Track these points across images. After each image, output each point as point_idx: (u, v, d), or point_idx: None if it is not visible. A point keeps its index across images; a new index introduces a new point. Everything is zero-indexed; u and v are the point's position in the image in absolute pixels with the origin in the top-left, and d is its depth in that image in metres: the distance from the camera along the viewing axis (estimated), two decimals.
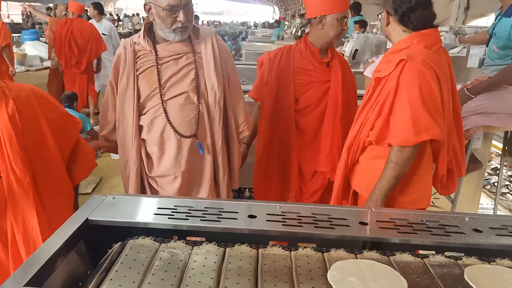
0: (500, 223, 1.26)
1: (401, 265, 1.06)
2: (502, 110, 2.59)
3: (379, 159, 1.79)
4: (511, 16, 2.59)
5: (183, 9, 1.76)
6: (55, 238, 1.07)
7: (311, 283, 0.97)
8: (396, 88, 1.70)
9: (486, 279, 0.99)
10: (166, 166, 1.89)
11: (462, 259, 1.10)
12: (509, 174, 4.85)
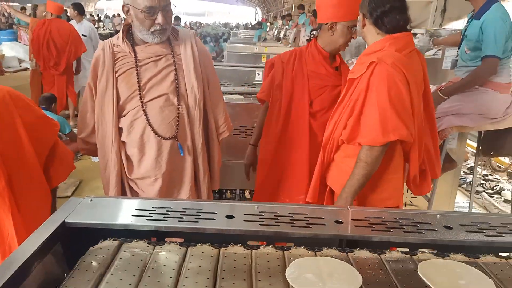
0: (470, 220, 1.30)
1: (358, 261, 1.09)
2: (474, 110, 2.67)
3: (352, 158, 1.83)
4: (480, 19, 2.67)
5: (161, 11, 1.76)
6: (30, 241, 1.06)
7: (269, 280, 0.99)
8: (366, 89, 1.75)
9: (438, 273, 1.02)
10: (147, 168, 1.89)
11: (418, 255, 1.14)
12: (484, 173, 4.97)
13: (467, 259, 1.13)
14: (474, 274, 1.03)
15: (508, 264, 1.11)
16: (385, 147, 1.75)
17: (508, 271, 1.08)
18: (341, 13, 2.10)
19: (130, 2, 1.78)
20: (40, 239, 1.08)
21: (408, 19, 1.85)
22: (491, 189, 4.68)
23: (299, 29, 9.53)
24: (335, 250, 1.14)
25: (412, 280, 1.01)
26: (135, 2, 1.76)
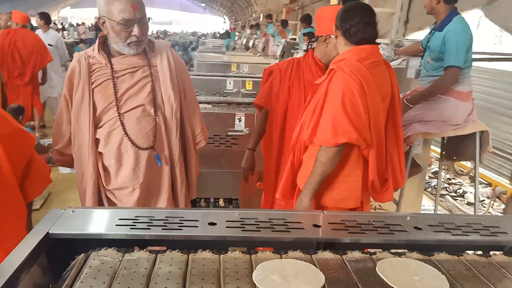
0: (437, 221, 1.39)
1: (321, 262, 1.15)
2: (438, 118, 2.81)
3: (314, 158, 1.93)
4: (442, 30, 2.82)
5: (137, 23, 1.80)
6: (17, 253, 1.07)
7: (237, 283, 1.04)
8: (325, 94, 1.88)
9: (395, 271, 1.10)
10: (124, 178, 1.90)
11: (376, 254, 1.21)
12: (447, 177, 5.19)
13: (421, 256, 1.20)
14: (428, 271, 1.11)
15: (459, 261, 1.19)
16: (340, 148, 1.85)
17: (460, 267, 1.16)
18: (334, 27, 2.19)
19: (106, 15, 1.80)
20: (26, 251, 1.08)
21: (376, 33, 1.96)
22: (455, 192, 4.89)
23: (268, 39, 9.65)
24: (299, 252, 1.19)
25: (371, 278, 1.08)
26: (111, 14, 1.78)
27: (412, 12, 7.55)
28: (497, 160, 5.04)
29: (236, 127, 3.23)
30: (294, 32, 13.85)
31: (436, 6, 2.88)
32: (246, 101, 3.82)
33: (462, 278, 1.10)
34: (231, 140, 3.24)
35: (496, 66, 5.61)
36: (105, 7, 1.80)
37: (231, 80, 4.83)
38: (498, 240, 1.31)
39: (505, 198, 4.50)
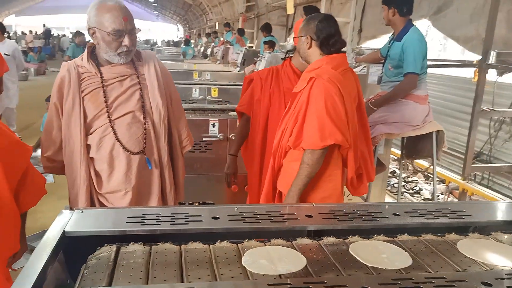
0: (411, 208, 1.57)
1: (301, 247, 1.29)
2: (400, 119, 3.06)
3: (296, 161, 2.09)
4: (401, 40, 3.09)
5: (128, 34, 1.89)
6: (40, 251, 1.14)
7: (229, 268, 1.16)
8: (307, 101, 2.04)
9: (365, 251, 1.27)
10: (117, 182, 1.97)
11: (348, 238, 1.36)
12: (404, 176, 5.53)
13: (387, 238, 1.38)
14: (393, 249, 1.29)
15: (419, 240, 1.37)
16: (324, 150, 2.02)
17: (420, 245, 1.34)
18: None
19: (96, 25, 1.88)
20: (49, 247, 1.16)
21: (345, 42, 2.15)
22: (412, 189, 5.23)
23: (227, 47, 9.80)
24: (281, 240, 1.33)
25: (346, 258, 1.24)
26: (102, 25, 1.86)
27: (365, 21, 7.97)
28: (449, 158, 5.43)
29: (210, 133, 3.34)
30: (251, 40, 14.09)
31: (392, 18, 3.15)
32: (218, 108, 3.94)
33: (422, 254, 1.28)
34: (205, 145, 3.35)
35: (442, 72, 6.05)
36: (95, 18, 1.87)
37: (196, 87, 4.92)
38: (464, 221, 1.50)
39: (457, 193, 4.87)
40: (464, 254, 1.28)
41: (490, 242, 1.38)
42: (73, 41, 10.03)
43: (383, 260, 1.21)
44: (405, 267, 1.19)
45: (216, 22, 23.45)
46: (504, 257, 1.26)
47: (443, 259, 1.26)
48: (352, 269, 1.18)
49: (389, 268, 1.18)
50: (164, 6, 42.50)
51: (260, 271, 1.13)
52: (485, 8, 4.89)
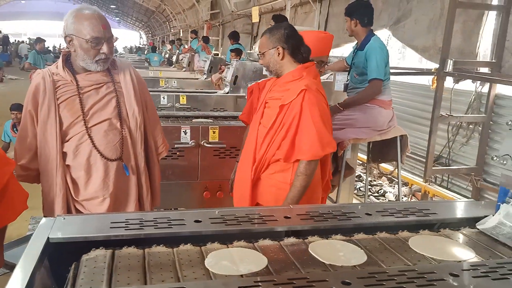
0: (382, 207, 1.67)
1: (263, 248, 1.34)
2: (366, 124, 3.19)
3: (279, 173, 2.14)
4: (363, 49, 3.24)
5: (106, 42, 1.91)
6: (28, 258, 1.15)
7: (192, 269, 1.19)
8: (300, 113, 2.04)
9: (324, 250, 1.33)
10: (94, 189, 1.97)
11: (308, 238, 1.43)
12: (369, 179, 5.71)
13: (344, 237, 1.45)
14: (350, 247, 1.36)
15: (374, 239, 1.45)
16: (318, 159, 2.08)
17: (374, 243, 1.42)
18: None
19: (74, 33, 1.89)
20: (35, 254, 1.17)
21: (310, 49, 2.24)
22: (377, 192, 5.41)
23: (192, 54, 9.81)
24: (243, 242, 1.38)
25: (305, 256, 1.29)
26: (80, 32, 1.87)
27: (329, 30, 8.18)
28: (411, 162, 5.67)
29: (182, 140, 3.36)
30: (216, 48, 14.16)
31: (355, 29, 3.32)
32: (190, 115, 3.96)
33: (377, 251, 1.36)
34: (177, 152, 3.37)
35: (403, 79, 6.32)
36: (73, 26, 1.88)
37: (164, 95, 4.93)
38: (430, 219, 1.61)
39: (420, 195, 5.09)
40: (415, 250, 1.37)
41: (439, 238, 1.48)
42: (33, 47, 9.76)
43: (340, 257, 1.28)
44: (360, 264, 1.26)
45: (180, 29, 23.38)
46: (450, 251, 1.37)
47: (396, 255, 1.34)
48: (311, 267, 1.23)
49: (345, 265, 1.25)
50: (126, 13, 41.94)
51: (222, 272, 1.17)
52: (442, 20, 5.17)
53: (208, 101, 4.86)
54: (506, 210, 1.53)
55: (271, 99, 2.20)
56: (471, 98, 4.97)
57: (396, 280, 1.11)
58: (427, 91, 5.37)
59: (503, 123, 4.61)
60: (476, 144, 4.94)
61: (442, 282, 1.12)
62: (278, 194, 2.15)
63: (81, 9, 1.91)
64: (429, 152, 4.72)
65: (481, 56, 4.86)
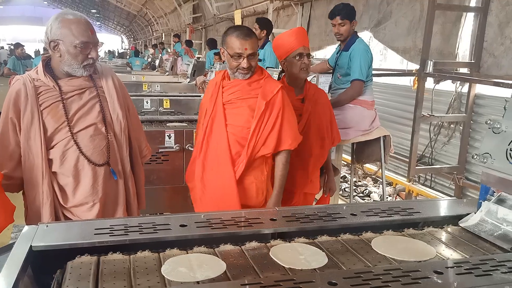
0: (367, 207, 1.69)
1: (223, 253, 1.33)
2: (349, 124, 3.22)
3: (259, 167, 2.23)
4: (348, 50, 3.27)
5: (93, 46, 1.89)
6: (10, 267, 1.13)
7: (147, 277, 1.18)
8: (283, 107, 2.18)
9: (285, 253, 1.33)
10: (84, 194, 1.95)
11: (270, 242, 1.42)
12: (354, 180, 5.76)
13: (307, 240, 1.44)
14: (312, 250, 1.36)
15: (337, 240, 1.46)
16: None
17: (337, 245, 1.43)
18: (283, 50, 2.48)
19: (60, 38, 1.85)
20: (18, 262, 1.15)
21: None
22: (362, 193, 5.46)
23: (175, 58, 9.77)
24: (203, 247, 1.37)
25: (265, 261, 1.29)
26: (68, 37, 1.84)
27: (311, 33, 8.24)
28: (395, 162, 5.74)
29: (166, 144, 3.34)
30: (199, 51, 14.12)
31: (351, 30, 3.32)
32: (173, 119, 3.94)
33: (338, 253, 1.36)
34: (162, 157, 3.35)
35: (384, 80, 6.40)
36: (60, 31, 1.85)
37: (148, 99, 4.89)
38: (414, 218, 1.63)
39: (404, 194, 5.15)
40: (377, 251, 1.37)
41: (402, 238, 1.49)
42: (12, 53, 9.60)
43: (301, 261, 1.28)
44: (320, 267, 1.26)
45: (163, 33, 23.27)
46: (411, 251, 1.37)
47: (357, 257, 1.34)
48: (270, 271, 1.23)
49: (305, 268, 1.24)
50: (107, 17, 41.58)
51: (178, 279, 1.15)
52: (421, 21, 5.26)
53: (191, 104, 4.83)
54: (487, 208, 1.56)
55: (237, 99, 2.20)
56: (451, 98, 5.06)
57: (382, 279, 1.13)
58: (409, 92, 5.45)
59: (483, 122, 4.70)
60: (457, 143, 5.02)
61: (427, 280, 1.14)
62: (258, 188, 2.25)
63: (66, 14, 1.88)
64: (412, 152, 4.79)
65: (460, 57, 4.95)
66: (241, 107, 2.19)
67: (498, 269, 1.20)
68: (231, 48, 2.12)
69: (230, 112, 2.20)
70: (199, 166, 2.24)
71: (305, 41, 2.47)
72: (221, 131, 2.19)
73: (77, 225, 1.44)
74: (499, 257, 1.31)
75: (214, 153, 2.21)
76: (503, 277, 1.17)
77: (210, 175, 2.23)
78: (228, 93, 2.21)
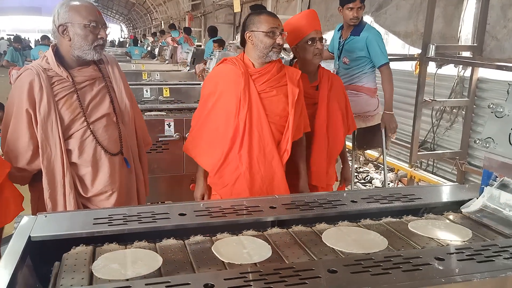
0: (367, 194, 1.67)
1: (163, 248, 1.29)
2: (355, 112, 3.19)
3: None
4: (360, 35, 3.23)
5: (102, 27, 1.89)
6: (8, 258, 1.12)
7: (73, 275, 1.12)
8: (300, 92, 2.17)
9: (228, 247, 1.28)
10: (102, 184, 1.95)
11: (216, 236, 1.36)
12: (356, 166, 5.75)
13: (255, 233, 1.39)
14: (257, 243, 1.31)
15: (287, 232, 1.42)
16: None
17: (286, 237, 1.37)
18: (294, 35, 2.35)
19: (69, 20, 1.84)
20: (17, 253, 1.14)
21: None
22: (363, 179, 5.45)
23: (175, 46, 9.71)
24: (144, 242, 1.31)
25: (205, 256, 1.24)
26: (77, 18, 1.84)
27: None
28: (396, 148, 5.71)
29: (166, 133, 3.33)
30: (199, 39, 14.02)
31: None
32: (173, 107, 3.92)
33: (285, 246, 1.31)
34: (162, 145, 3.33)
35: None
36: (68, 14, 1.83)
37: (147, 88, 4.86)
38: (415, 204, 1.62)
39: (406, 180, 5.14)
40: (325, 243, 1.32)
41: (356, 229, 1.43)
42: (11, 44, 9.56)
43: (243, 255, 1.23)
44: (262, 261, 1.21)
45: (162, 21, 23.11)
46: (362, 243, 1.32)
47: (303, 250, 1.29)
48: (207, 266, 1.19)
49: (245, 263, 1.19)
50: (106, 6, 41.22)
51: (106, 276, 1.10)
52: (423, 5, 5.19)
53: (191, 92, 4.80)
54: (489, 193, 1.55)
55: (272, 87, 2.13)
56: (454, 82, 5.02)
57: (382, 266, 1.12)
58: (411, 77, 5.40)
59: (486, 106, 4.65)
60: (460, 128, 4.99)
61: (428, 266, 1.12)
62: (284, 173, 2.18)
63: (72, 0, 1.87)
64: (414, 138, 4.76)
65: (462, 41, 4.90)
66: (277, 96, 2.13)
67: (501, 255, 1.19)
68: (264, 25, 2.03)
69: (266, 101, 2.12)
70: (244, 159, 2.09)
71: (317, 24, 2.36)
72: (262, 121, 2.09)
73: (76, 215, 1.43)
74: (501, 242, 1.29)
75: (259, 145, 2.11)
76: (505, 262, 1.15)
77: (257, 167, 2.12)
78: (260, 82, 2.11)
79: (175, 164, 3.39)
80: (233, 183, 2.12)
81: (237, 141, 2.09)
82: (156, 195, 3.39)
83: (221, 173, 2.12)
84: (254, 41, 2.07)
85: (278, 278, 1.04)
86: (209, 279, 1.03)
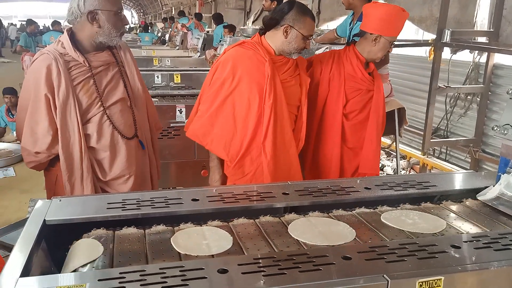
0: (381, 181, 1.65)
1: (121, 237, 1.25)
2: None
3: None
4: None
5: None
6: (24, 241, 1.13)
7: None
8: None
9: (188, 239, 1.24)
10: (120, 168, 1.97)
11: (180, 226, 1.32)
12: None
13: (220, 223, 1.36)
14: (219, 234, 1.28)
15: (253, 223, 1.37)
16: None
17: (251, 228, 1.33)
18: (388, 28, 2.22)
19: (99, 7, 1.83)
20: (33, 236, 1.15)
21: None
22: None
23: (185, 32, 9.65)
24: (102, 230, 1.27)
25: (162, 247, 1.21)
26: (106, 5, 1.84)
27: (323, 4, 8.06)
28: (409, 135, 5.65)
29: (177, 119, 3.33)
30: (209, 25, 13.93)
31: (353, 1, 3.25)
32: (184, 93, 3.92)
33: (247, 236, 1.28)
34: (173, 131, 3.34)
35: (399, 52, 6.24)
36: (97, 1, 1.82)
37: (158, 74, 4.86)
38: (430, 191, 1.60)
39: (418, 168, 5.10)
40: (290, 235, 1.29)
41: (325, 220, 1.39)
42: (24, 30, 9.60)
43: (201, 246, 1.20)
44: (220, 252, 1.18)
45: (172, 7, 23.00)
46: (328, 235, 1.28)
47: (266, 241, 1.26)
48: (161, 258, 1.16)
49: (201, 255, 1.16)
50: None
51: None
52: None
53: (202, 79, 4.75)
54: (507, 180, 1.52)
55: (291, 77, 2.15)
56: (469, 68, 4.92)
57: (397, 254, 1.11)
58: (425, 63, 5.31)
59: (502, 93, 4.58)
60: (474, 115, 4.91)
61: (444, 254, 1.11)
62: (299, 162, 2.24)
63: None
64: (427, 125, 4.70)
65: (478, 26, 4.79)
66: (295, 85, 2.14)
67: None
68: (306, 29, 2.04)
69: (287, 90, 2.11)
70: (268, 149, 2.06)
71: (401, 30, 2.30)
72: (284, 110, 2.09)
73: (90, 200, 1.44)
74: None
75: (281, 134, 2.10)
76: None
77: (278, 157, 2.11)
78: (282, 71, 2.10)
79: (186, 150, 3.40)
80: (253, 173, 2.10)
81: (260, 130, 2.05)
82: (167, 180, 3.40)
83: (241, 162, 2.08)
84: (290, 37, 2.05)
85: (292, 264, 1.04)
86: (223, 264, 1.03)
